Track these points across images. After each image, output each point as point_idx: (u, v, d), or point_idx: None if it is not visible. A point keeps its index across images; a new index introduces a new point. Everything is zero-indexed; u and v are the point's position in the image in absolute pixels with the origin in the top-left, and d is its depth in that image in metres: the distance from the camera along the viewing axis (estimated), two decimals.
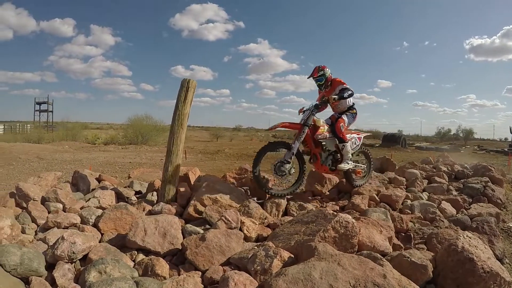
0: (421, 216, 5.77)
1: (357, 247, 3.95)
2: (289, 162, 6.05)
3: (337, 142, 6.64)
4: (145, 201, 5.78)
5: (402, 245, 4.52)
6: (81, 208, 5.33)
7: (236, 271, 3.42)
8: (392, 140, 34.86)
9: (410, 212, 6.00)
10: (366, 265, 3.10)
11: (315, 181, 7.29)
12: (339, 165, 6.56)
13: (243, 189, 6.39)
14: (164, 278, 3.60)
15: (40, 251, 3.94)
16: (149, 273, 3.61)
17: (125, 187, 6.79)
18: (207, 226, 4.74)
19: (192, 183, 6.37)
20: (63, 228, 4.67)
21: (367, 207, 5.91)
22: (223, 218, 4.50)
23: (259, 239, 4.63)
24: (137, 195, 6.60)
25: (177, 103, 5.85)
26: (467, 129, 60.13)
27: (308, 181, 7.45)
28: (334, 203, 6.48)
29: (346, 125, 6.79)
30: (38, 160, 16.79)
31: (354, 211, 5.57)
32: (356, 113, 7.09)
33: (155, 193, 6.14)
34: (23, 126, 55.13)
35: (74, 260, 3.82)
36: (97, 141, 32.50)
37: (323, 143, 6.52)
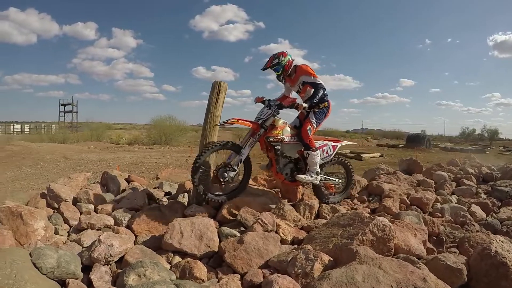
0: (452, 220, 5.68)
1: (393, 250, 3.91)
2: (234, 170, 5.30)
3: (303, 148, 5.71)
4: (176, 202, 5.72)
5: (434, 248, 4.46)
6: (113, 210, 5.36)
7: (279, 274, 3.39)
8: (416, 140, 33.92)
9: (440, 215, 5.91)
10: (406, 268, 3.09)
11: None
12: (298, 176, 5.62)
13: (274, 191, 6.28)
14: (202, 281, 3.59)
15: (74, 253, 3.93)
16: (187, 275, 3.59)
17: (154, 188, 6.77)
18: (242, 229, 4.72)
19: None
20: (97, 230, 4.69)
21: (398, 210, 5.86)
22: (259, 221, 4.45)
23: (294, 241, 4.57)
24: (167, 196, 6.57)
25: (209, 106, 5.74)
26: (492, 129, 59.64)
27: None
28: (365, 205, 6.42)
29: (315, 127, 5.79)
30: (65, 160, 16.97)
31: (386, 214, 5.46)
32: (328, 107, 5.93)
33: (186, 194, 6.14)
34: (48, 126, 56.08)
35: (110, 262, 3.82)
36: (121, 141, 32.75)
37: (276, 147, 5.54)
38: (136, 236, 4.66)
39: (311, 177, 5.65)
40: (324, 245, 3.97)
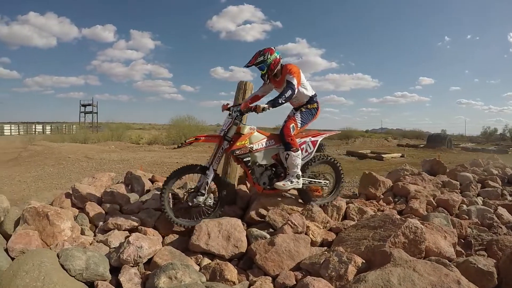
0: (478, 222, 5.57)
1: (424, 253, 3.85)
2: (202, 194, 4.90)
3: (284, 149, 5.10)
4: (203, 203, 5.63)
5: (463, 251, 4.37)
6: (138, 210, 5.33)
7: (314, 277, 3.34)
8: (437, 140, 33.59)
9: (467, 217, 5.79)
10: (440, 271, 3.06)
11: (369, 183, 7.13)
12: (277, 184, 5.04)
13: None
14: (234, 283, 3.58)
15: (102, 254, 3.93)
16: (218, 278, 3.58)
17: (178, 188, 6.80)
18: (271, 230, 4.69)
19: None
20: (123, 231, 4.68)
21: (425, 212, 5.77)
22: (289, 222, 4.38)
23: (324, 243, 4.52)
24: None
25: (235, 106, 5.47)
26: None
27: (362, 183, 7.35)
28: (391, 207, 6.32)
29: (299, 126, 5.28)
30: (87, 159, 17.14)
31: (413, 216, 5.41)
32: (317, 108, 5.46)
33: (212, 195, 6.13)
34: (69, 126, 56.88)
35: (139, 264, 3.82)
36: (140, 141, 33.01)
37: (245, 159, 5.04)
38: (163, 237, 4.65)
39: (291, 182, 5.06)
40: (355, 247, 3.91)
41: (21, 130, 60.97)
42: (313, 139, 5.45)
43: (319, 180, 5.56)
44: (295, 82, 5.01)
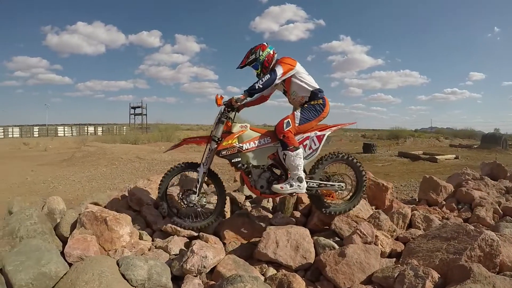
0: None
1: (498, 267, 3.60)
2: (195, 193, 4.66)
3: (278, 149, 4.61)
4: (262, 208, 5.50)
5: None
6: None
7: None
8: (492, 140, 31.97)
9: None
10: None
11: (430, 188, 6.80)
12: (274, 186, 4.49)
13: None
14: None
15: (162, 261, 3.88)
16: None
17: (234, 191, 6.64)
18: (336, 239, 4.43)
19: None
20: (182, 237, 4.57)
21: (493, 221, 5.45)
22: (358, 231, 4.16)
23: (392, 254, 4.30)
24: (249, 200, 6.26)
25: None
26: None
27: (422, 188, 7.03)
28: (455, 214, 5.97)
29: (296, 123, 4.57)
30: (139, 160, 17.43)
31: (480, 225, 4.97)
32: (323, 105, 4.71)
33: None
34: (120, 128, 58.51)
35: (202, 273, 3.71)
36: None
37: (233, 160, 4.62)
38: (224, 243, 4.50)
39: (291, 185, 4.44)
40: (428, 259, 3.73)
41: (74, 132, 63.43)
42: (319, 133, 4.73)
43: (331, 183, 4.72)
44: (279, 69, 4.49)
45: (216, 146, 4.57)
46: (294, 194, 4.73)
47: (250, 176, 4.66)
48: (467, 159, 21.21)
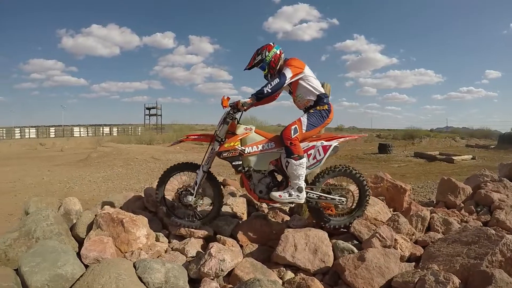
0: None
1: None
2: (192, 194, 4.64)
3: (282, 155, 4.52)
4: (279, 209, 5.44)
5: None
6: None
7: None
8: (509, 141, 31.05)
9: None
10: None
11: (448, 190, 6.67)
12: (272, 193, 4.40)
13: (379, 198, 5.79)
14: None
15: (179, 263, 3.88)
16: None
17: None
18: (355, 242, 4.38)
19: None
20: (197, 238, 4.55)
21: None
22: (377, 235, 4.07)
23: (411, 258, 4.21)
24: None
25: None
26: None
27: (440, 190, 6.90)
28: (474, 217, 5.79)
29: (304, 129, 4.46)
30: (154, 160, 17.49)
31: (500, 229, 4.83)
32: (328, 111, 4.63)
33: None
34: (135, 128, 59.08)
35: (219, 276, 3.69)
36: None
37: (234, 163, 4.53)
38: (241, 246, 4.46)
39: (290, 195, 4.36)
40: (449, 264, 3.65)
41: (90, 132, 64.05)
42: (325, 143, 4.59)
43: (332, 196, 4.60)
44: (288, 73, 4.40)
45: (218, 146, 4.53)
46: (292, 204, 4.60)
47: (250, 179, 4.61)
48: (484, 160, 20.94)
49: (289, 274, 3.87)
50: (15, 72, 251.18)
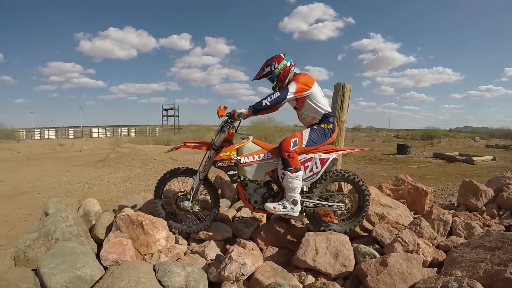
0: None
1: None
2: (188, 199, 4.63)
3: (278, 167, 4.43)
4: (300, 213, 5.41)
5: None
6: (233, 219, 5.23)
7: None
8: None
9: None
10: None
11: (469, 193, 6.48)
12: (267, 204, 4.34)
13: (400, 201, 5.65)
14: None
15: (198, 266, 3.86)
16: None
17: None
18: (376, 246, 4.31)
19: None
20: (217, 241, 4.54)
21: None
22: (399, 239, 4.02)
23: (433, 263, 4.12)
24: None
25: (333, 111, 5.16)
26: None
27: (461, 192, 6.70)
28: (497, 221, 5.66)
29: (304, 144, 4.37)
30: (172, 161, 17.50)
31: None
32: (332, 130, 4.51)
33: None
34: (152, 129, 59.62)
35: (239, 280, 3.66)
36: None
37: (229, 173, 4.49)
38: (261, 249, 4.43)
39: (284, 207, 4.30)
40: (472, 270, 3.54)
41: (108, 133, 64.87)
42: (323, 156, 4.47)
43: (329, 203, 4.50)
44: (292, 88, 4.28)
45: (215, 155, 4.52)
46: (286, 216, 4.52)
47: (246, 189, 4.55)
48: (504, 161, 20.58)
49: (310, 279, 3.84)
50: (35, 74, 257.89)
